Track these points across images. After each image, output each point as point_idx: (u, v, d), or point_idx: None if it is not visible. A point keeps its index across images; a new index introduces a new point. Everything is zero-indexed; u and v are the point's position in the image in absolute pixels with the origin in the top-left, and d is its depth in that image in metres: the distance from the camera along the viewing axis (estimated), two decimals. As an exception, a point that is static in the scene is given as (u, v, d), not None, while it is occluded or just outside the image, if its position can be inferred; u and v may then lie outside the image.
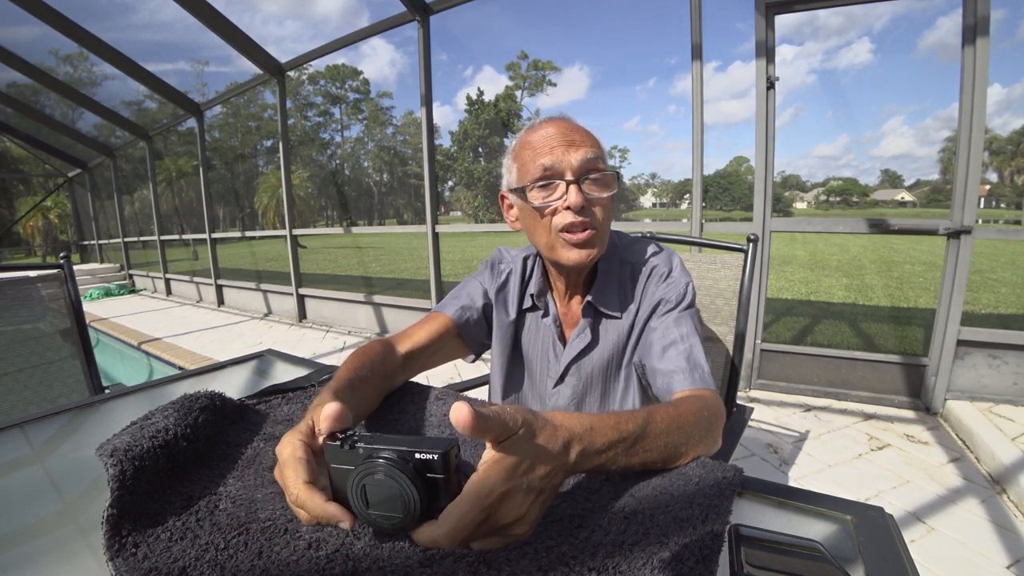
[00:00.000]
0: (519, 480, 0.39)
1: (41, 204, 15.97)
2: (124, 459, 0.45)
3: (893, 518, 0.46)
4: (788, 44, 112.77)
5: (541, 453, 0.41)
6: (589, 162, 0.71)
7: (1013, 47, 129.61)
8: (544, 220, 0.74)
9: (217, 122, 24.19)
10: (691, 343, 0.73)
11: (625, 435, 0.48)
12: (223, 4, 3.76)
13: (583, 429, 0.45)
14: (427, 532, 0.38)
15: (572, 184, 0.71)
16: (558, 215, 0.73)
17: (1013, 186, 55.88)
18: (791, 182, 76.99)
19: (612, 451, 0.47)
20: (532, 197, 0.74)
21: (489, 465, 0.39)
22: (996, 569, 1.32)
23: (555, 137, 0.72)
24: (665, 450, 0.52)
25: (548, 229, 0.74)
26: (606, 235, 0.76)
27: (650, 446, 0.50)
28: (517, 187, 0.76)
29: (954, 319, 2.23)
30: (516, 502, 0.39)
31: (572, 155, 0.71)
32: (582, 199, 0.70)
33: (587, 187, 0.72)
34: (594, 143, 0.74)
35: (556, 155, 0.71)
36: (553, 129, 0.73)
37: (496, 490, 0.37)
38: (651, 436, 0.50)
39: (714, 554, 0.39)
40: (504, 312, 0.88)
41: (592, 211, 0.72)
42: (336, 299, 4.64)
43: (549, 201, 0.73)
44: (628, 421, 0.49)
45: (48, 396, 1.25)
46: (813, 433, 2.15)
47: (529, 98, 51.58)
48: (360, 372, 0.64)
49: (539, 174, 0.72)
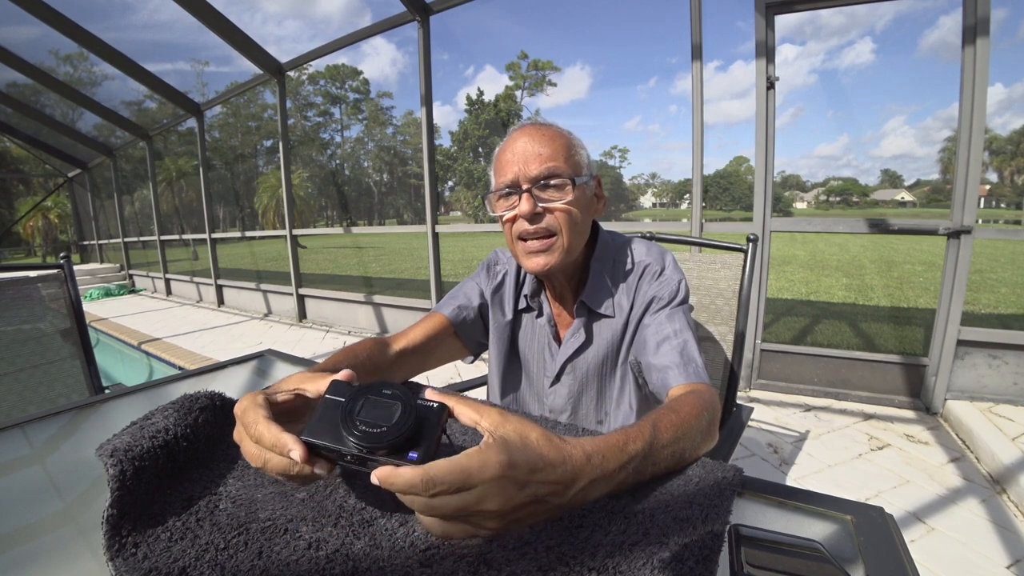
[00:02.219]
0: (519, 471, 0.37)
1: (41, 204, 15.98)
2: (124, 459, 0.44)
3: (893, 518, 0.46)
4: (790, 44, 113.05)
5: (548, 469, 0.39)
6: (547, 170, 0.72)
7: (1014, 47, 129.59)
8: (506, 229, 0.78)
9: (217, 122, 24.23)
10: (684, 338, 0.73)
11: (635, 454, 0.47)
12: (223, 4, 3.76)
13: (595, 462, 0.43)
14: (405, 472, 0.36)
15: (524, 193, 0.73)
16: (515, 224, 0.75)
17: (1013, 186, 55.89)
18: (791, 182, 77.03)
19: (623, 473, 0.45)
20: (496, 207, 0.77)
21: (495, 442, 0.38)
22: (996, 569, 1.32)
23: (517, 150, 0.74)
24: (672, 458, 0.51)
25: (512, 238, 0.78)
26: (572, 240, 0.75)
27: (659, 458, 0.50)
28: (489, 195, 0.79)
29: (954, 319, 2.23)
30: (506, 494, 0.36)
31: (531, 166, 0.73)
32: (532, 206, 0.72)
33: (544, 193, 0.73)
34: (557, 152, 0.74)
35: (514, 168, 0.74)
36: (520, 141, 0.75)
37: (489, 470, 0.36)
38: (658, 448, 0.50)
39: (714, 554, 0.39)
40: (500, 313, 0.89)
41: (549, 218, 0.73)
42: (336, 299, 4.64)
43: (506, 210, 0.75)
44: (636, 439, 0.48)
45: (48, 396, 1.25)
46: (813, 433, 2.15)
47: (529, 98, 51.61)
48: (340, 366, 0.63)
49: (500, 186, 0.75)
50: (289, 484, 0.48)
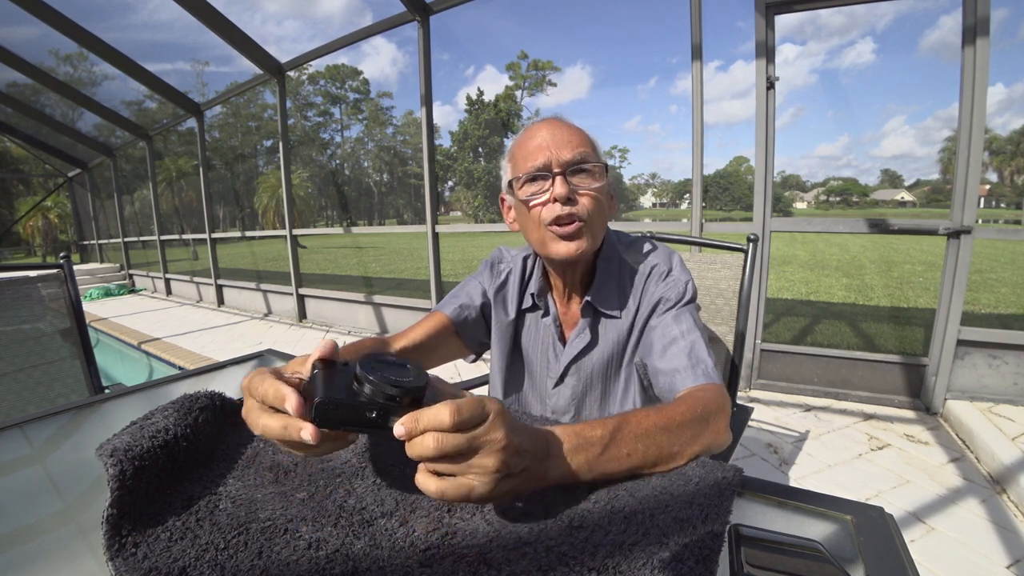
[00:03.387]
0: (514, 436, 0.42)
1: (41, 204, 15.97)
2: (124, 459, 0.44)
3: (893, 518, 0.46)
4: (791, 43, 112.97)
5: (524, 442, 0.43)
6: (578, 155, 0.73)
7: (1014, 47, 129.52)
8: (534, 214, 0.75)
9: (217, 122, 24.23)
10: (692, 339, 0.72)
11: (590, 440, 0.48)
12: (223, 4, 3.76)
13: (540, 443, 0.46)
14: (431, 408, 0.39)
15: (558, 176, 0.72)
16: (546, 208, 0.74)
17: (1013, 186, 55.89)
18: (791, 182, 77.05)
19: (580, 455, 0.48)
20: (522, 192, 0.75)
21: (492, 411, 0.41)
22: (996, 569, 1.32)
23: (546, 136, 0.74)
24: (649, 453, 0.51)
25: (538, 223, 0.75)
26: (598, 229, 0.76)
27: (626, 449, 0.50)
28: (510, 180, 0.78)
29: (954, 319, 2.23)
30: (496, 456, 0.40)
31: (561, 151, 0.72)
32: (568, 190, 0.72)
33: (575, 179, 0.73)
34: (585, 140, 0.75)
35: (546, 152, 0.73)
36: (545, 130, 0.75)
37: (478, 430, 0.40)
38: (624, 440, 0.50)
39: (714, 554, 0.39)
40: (503, 312, 0.88)
41: (580, 203, 0.73)
42: (336, 299, 4.64)
43: (537, 194, 0.74)
44: (596, 427, 0.50)
45: (48, 396, 1.25)
46: (813, 433, 2.15)
47: (529, 98, 51.60)
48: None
49: (529, 170, 0.74)
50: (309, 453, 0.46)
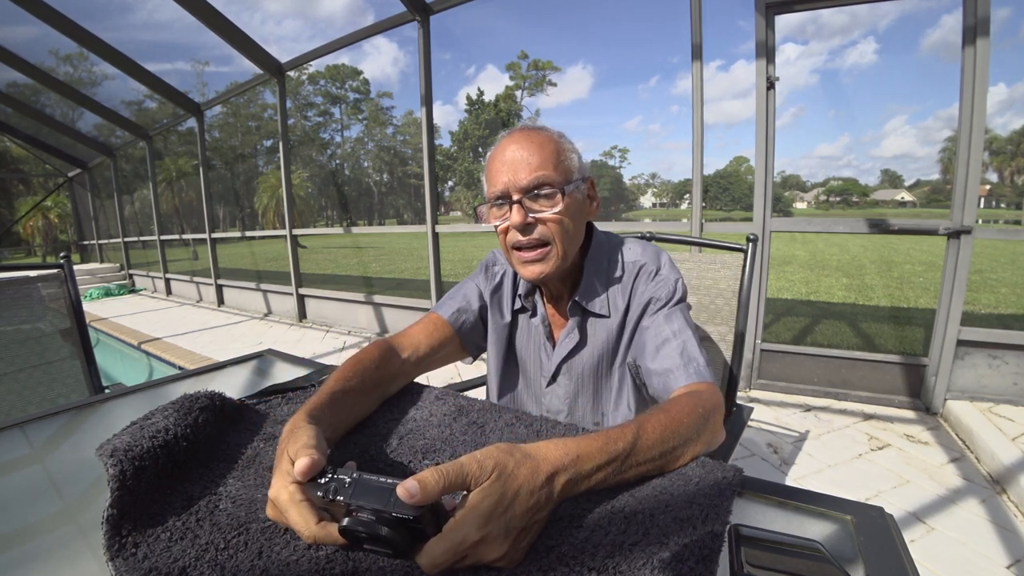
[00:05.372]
0: (495, 523, 0.38)
1: (41, 204, 15.97)
2: (124, 459, 0.45)
3: (893, 518, 0.46)
4: (793, 43, 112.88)
5: (521, 491, 0.40)
6: (536, 179, 0.72)
7: (1015, 47, 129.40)
8: (500, 238, 0.78)
9: (217, 122, 24.23)
10: (684, 338, 0.73)
11: (615, 455, 0.48)
12: (223, 3, 3.76)
13: (569, 459, 0.45)
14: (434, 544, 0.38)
15: (515, 204, 0.73)
16: (509, 234, 0.76)
17: (1013, 186, 55.88)
18: (791, 182, 77.01)
19: (601, 473, 0.47)
20: (491, 216, 0.78)
21: (464, 512, 0.38)
22: (996, 569, 1.32)
23: (507, 158, 0.74)
24: (660, 458, 0.51)
25: (506, 248, 0.78)
26: (566, 247, 0.76)
27: (643, 458, 0.50)
28: (482, 205, 0.80)
29: (954, 319, 2.23)
30: (494, 546, 0.38)
31: (520, 175, 0.72)
32: (523, 217, 0.72)
33: (535, 204, 0.73)
34: (547, 159, 0.73)
35: (504, 177, 0.73)
36: (511, 148, 0.74)
37: (469, 538, 0.37)
38: (642, 449, 0.50)
39: (714, 554, 0.39)
40: (499, 314, 0.89)
41: (540, 228, 0.73)
42: (336, 299, 4.64)
43: (502, 219, 0.76)
44: (617, 440, 0.49)
45: (48, 396, 1.25)
46: (813, 433, 2.15)
47: (530, 98, 51.61)
48: (348, 383, 0.64)
49: (491, 196, 0.76)
50: None
